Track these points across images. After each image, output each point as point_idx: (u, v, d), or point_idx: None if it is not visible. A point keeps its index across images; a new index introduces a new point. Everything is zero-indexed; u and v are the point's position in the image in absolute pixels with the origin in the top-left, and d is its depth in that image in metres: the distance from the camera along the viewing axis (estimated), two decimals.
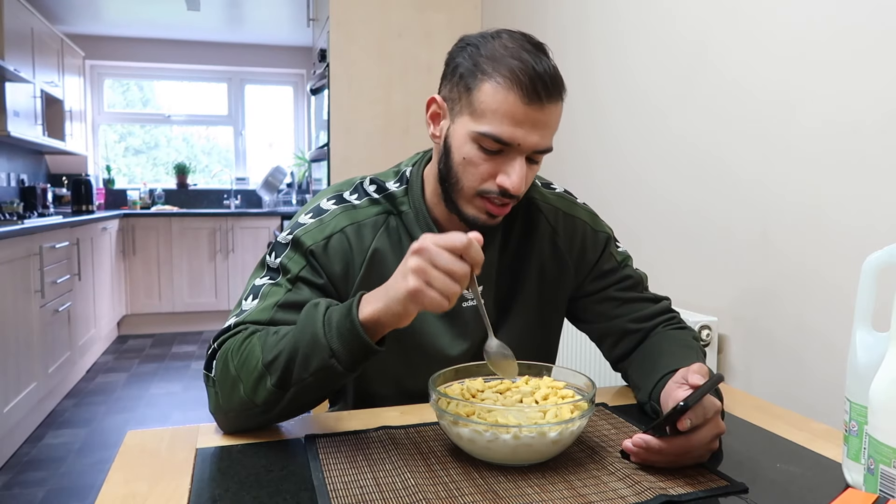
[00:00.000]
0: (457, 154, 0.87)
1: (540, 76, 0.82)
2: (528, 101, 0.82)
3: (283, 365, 0.77)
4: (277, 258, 0.92)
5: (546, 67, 0.83)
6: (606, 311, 1.03)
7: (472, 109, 0.84)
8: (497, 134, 0.83)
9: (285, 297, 0.88)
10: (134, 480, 0.72)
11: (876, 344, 0.69)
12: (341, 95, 2.96)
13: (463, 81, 0.86)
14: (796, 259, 1.25)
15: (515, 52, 0.83)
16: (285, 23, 4.81)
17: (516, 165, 0.85)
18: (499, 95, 0.82)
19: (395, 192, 0.97)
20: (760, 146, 1.34)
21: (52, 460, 2.64)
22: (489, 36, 0.87)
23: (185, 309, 4.93)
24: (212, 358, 0.86)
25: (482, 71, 0.84)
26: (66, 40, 4.61)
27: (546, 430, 0.71)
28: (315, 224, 0.93)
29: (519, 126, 0.83)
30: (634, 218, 1.81)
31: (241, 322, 0.87)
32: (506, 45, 0.84)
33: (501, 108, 0.82)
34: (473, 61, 0.85)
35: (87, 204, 4.67)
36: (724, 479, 0.71)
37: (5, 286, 2.62)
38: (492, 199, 0.87)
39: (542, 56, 0.84)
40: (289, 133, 5.77)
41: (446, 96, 0.89)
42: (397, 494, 0.67)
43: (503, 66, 0.82)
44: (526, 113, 0.82)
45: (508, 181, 0.85)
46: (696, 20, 1.54)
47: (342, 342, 0.75)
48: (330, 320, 0.76)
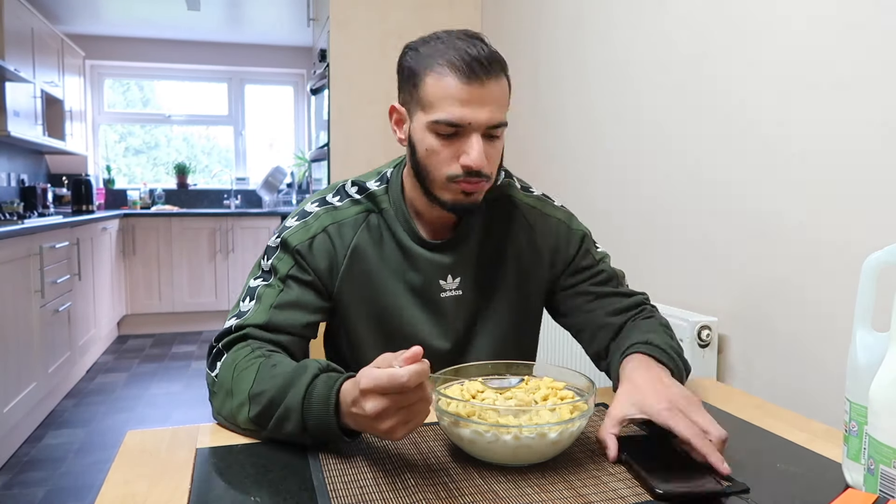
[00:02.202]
0: (420, 147, 0.92)
1: (475, 57, 0.88)
2: (467, 80, 0.87)
3: (262, 408, 0.80)
4: (269, 260, 0.99)
5: (480, 49, 0.89)
6: (581, 304, 1.06)
7: (423, 104, 0.91)
8: (446, 118, 0.88)
9: (279, 297, 0.95)
10: (134, 480, 0.72)
11: (876, 344, 0.69)
12: (341, 95, 2.96)
13: (411, 81, 0.92)
14: (797, 259, 1.25)
15: (450, 43, 0.90)
16: (285, 23, 4.81)
17: (473, 143, 0.89)
18: (441, 82, 0.88)
19: (376, 191, 1.03)
20: (760, 146, 1.34)
21: (52, 460, 2.64)
22: (428, 38, 0.94)
23: (185, 309, 4.93)
24: (216, 358, 0.90)
25: (423, 66, 0.91)
26: (67, 40, 4.61)
27: (546, 430, 0.71)
28: (300, 226, 1.00)
29: (465, 105, 0.88)
30: (634, 219, 1.81)
31: (242, 325, 0.92)
32: (442, 40, 0.91)
33: (445, 94, 0.88)
34: (415, 61, 0.92)
35: (87, 204, 4.67)
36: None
37: (5, 286, 2.61)
38: (461, 180, 0.91)
39: (475, 41, 0.90)
40: (289, 133, 5.77)
41: (402, 100, 0.96)
42: (397, 494, 0.67)
43: (440, 56, 0.89)
44: (469, 92, 0.87)
45: (469, 159, 0.89)
46: (692, 21, 1.54)
47: (315, 423, 0.76)
48: (310, 395, 0.77)
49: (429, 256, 1.00)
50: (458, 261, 1.02)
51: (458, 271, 1.02)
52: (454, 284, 1.02)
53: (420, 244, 1.00)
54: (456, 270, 1.02)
